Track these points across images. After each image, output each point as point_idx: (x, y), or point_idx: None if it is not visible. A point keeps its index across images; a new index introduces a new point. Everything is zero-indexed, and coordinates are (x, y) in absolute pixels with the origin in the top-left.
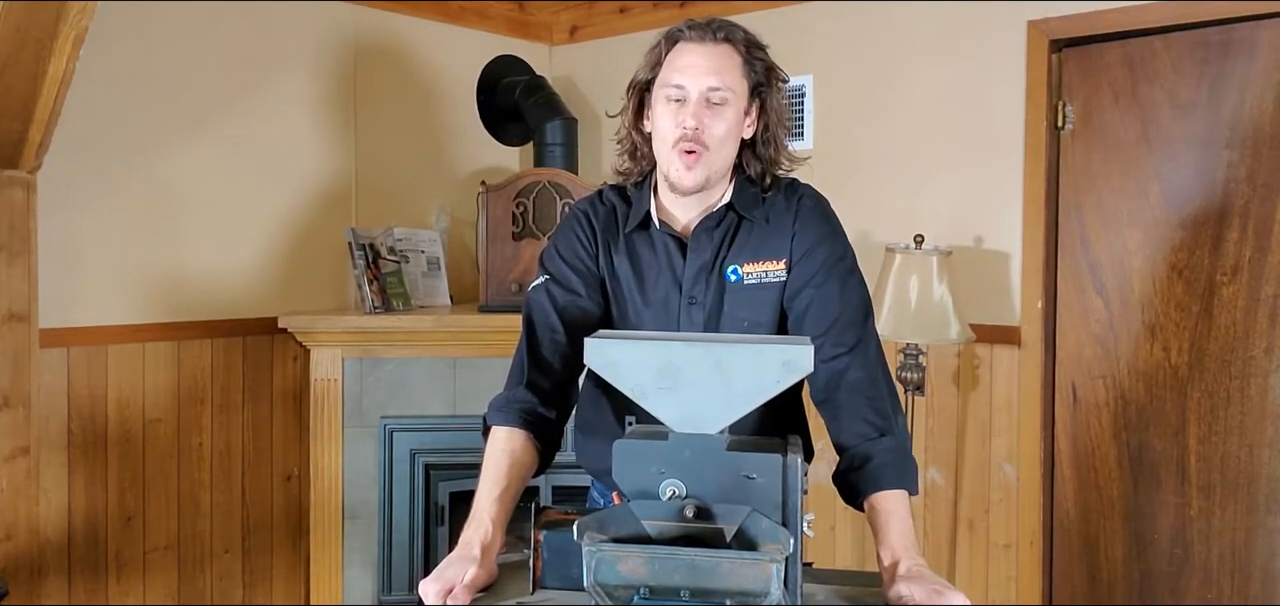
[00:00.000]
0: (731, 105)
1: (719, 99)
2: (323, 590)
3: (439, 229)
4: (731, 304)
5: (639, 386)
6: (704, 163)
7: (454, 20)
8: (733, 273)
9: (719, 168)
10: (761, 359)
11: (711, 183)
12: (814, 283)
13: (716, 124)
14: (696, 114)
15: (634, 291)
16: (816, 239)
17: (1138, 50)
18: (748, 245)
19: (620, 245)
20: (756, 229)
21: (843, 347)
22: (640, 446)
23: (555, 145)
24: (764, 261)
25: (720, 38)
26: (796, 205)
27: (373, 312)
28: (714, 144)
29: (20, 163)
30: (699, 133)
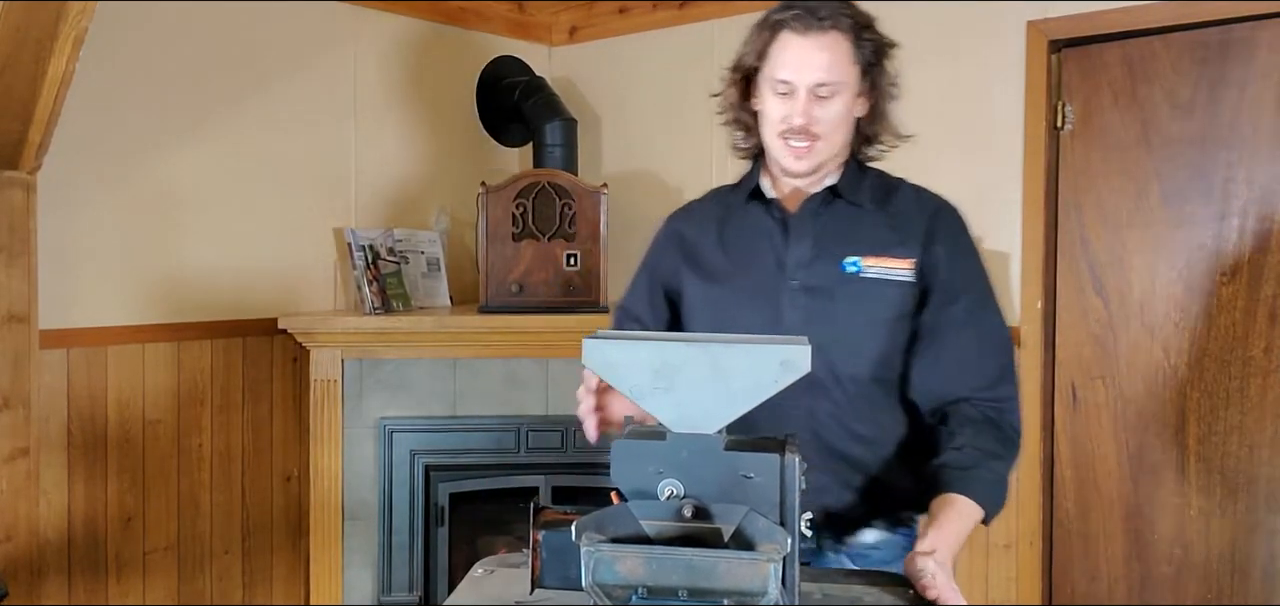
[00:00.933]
0: (841, 95)
1: (828, 92)
2: (323, 591)
3: (439, 230)
4: (847, 297)
5: (637, 387)
6: (815, 152)
7: (454, 21)
8: (851, 264)
9: (834, 151)
10: (759, 359)
11: (825, 168)
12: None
13: (826, 112)
14: (805, 110)
15: (729, 275)
16: (959, 262)
17: (1137, 50)
18: (867, 237)
19: (715, 232)
20: (871, 219)
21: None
22: (638, 446)
23: (555, 146)
24: (889, 258)
25: (827, 25)
26: (933, 213)
27: (373, 313)
28: (826, 131)
29: (20, 163)
30: (807, 126)
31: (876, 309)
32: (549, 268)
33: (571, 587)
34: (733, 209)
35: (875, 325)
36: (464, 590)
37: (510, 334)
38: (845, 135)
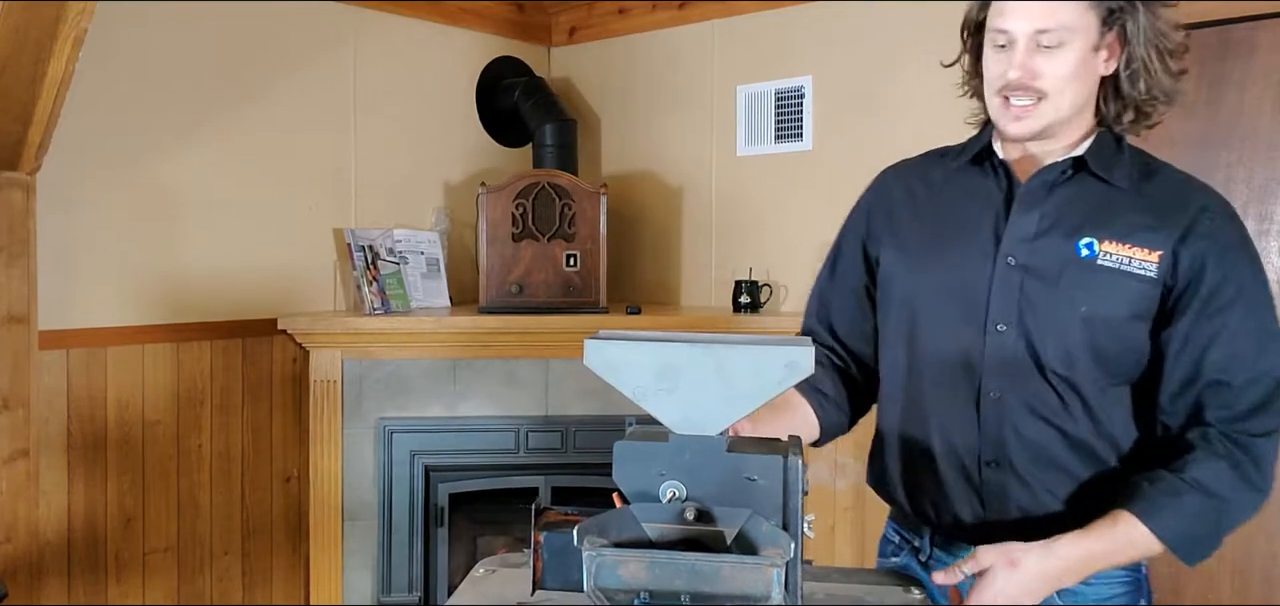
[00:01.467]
0: (1071, 46)
1: (1052, 41)
2: (322, 591)
3: (438, 230)
4: (1072, 283)
5: (639, 388)
6: (1038, 112)
7: (453, 21)
8: (1086, 246)
9: (1063, 114)
10: (763, 360)
11: (1053, 133)
12: (1216, 327)
13: (1053, 66)
14: (1024, 62)
15: (930, 246)
16: (1227, 265)
17: None
18: (1112, 219)
19: (924, 193)
20: (1122, 200)
21: (1238, 410)
22: (640, 448)
23: (554, 146)
24: (1132, 245)
25: None
26: (1201, 206)
27: (372, 314)
28: (1053, 88)
29: (19, 164)
30: (1025, 80)
31: (1106, 303)
32: (548, 268)
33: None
34: (951, 171)
35: (1101, 324)
36: (464, 590)
37: (510, 334)
38: (1081, 96)
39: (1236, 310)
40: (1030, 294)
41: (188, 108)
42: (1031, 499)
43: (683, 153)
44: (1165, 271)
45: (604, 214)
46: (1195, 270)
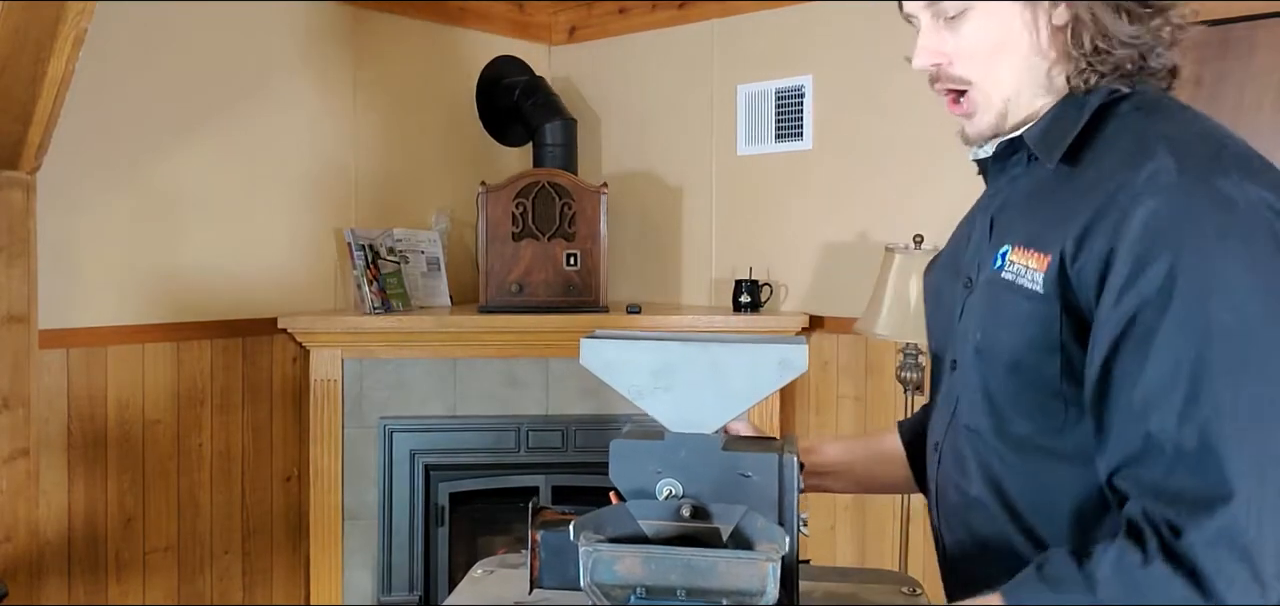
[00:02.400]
0: (978, 9)
1: (954, 10)
2: (322, 591)
3: (438, 229)
4: (981, 303)
5: (636, 387)
6: (974, 103)
7: (454, 20)
8: (1000, 255)
9: (1011, 96)
10: (757, 358)
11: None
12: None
13: (962, 41)
14: (926, 43)
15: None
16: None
17: None
18: (1033, 211)
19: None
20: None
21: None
22: (636, 446)
23: (554, 146)
24: (1028, 249)
25: None
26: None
27: (372, 313)
28: (970, 70)
29: (19, 164)
30: (944, 66)
31: (999, 329)
32: (549, 267)
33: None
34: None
35: (989, 358)
36: (464, 590)
37: (510, 334)
38: (1019, 69)
39: (1162, 336)
40: (969, 319)
41: (188, 107)
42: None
43: (683, 152)
44: (1053, 283)
45: (604, 213)
46: (1098, 278)
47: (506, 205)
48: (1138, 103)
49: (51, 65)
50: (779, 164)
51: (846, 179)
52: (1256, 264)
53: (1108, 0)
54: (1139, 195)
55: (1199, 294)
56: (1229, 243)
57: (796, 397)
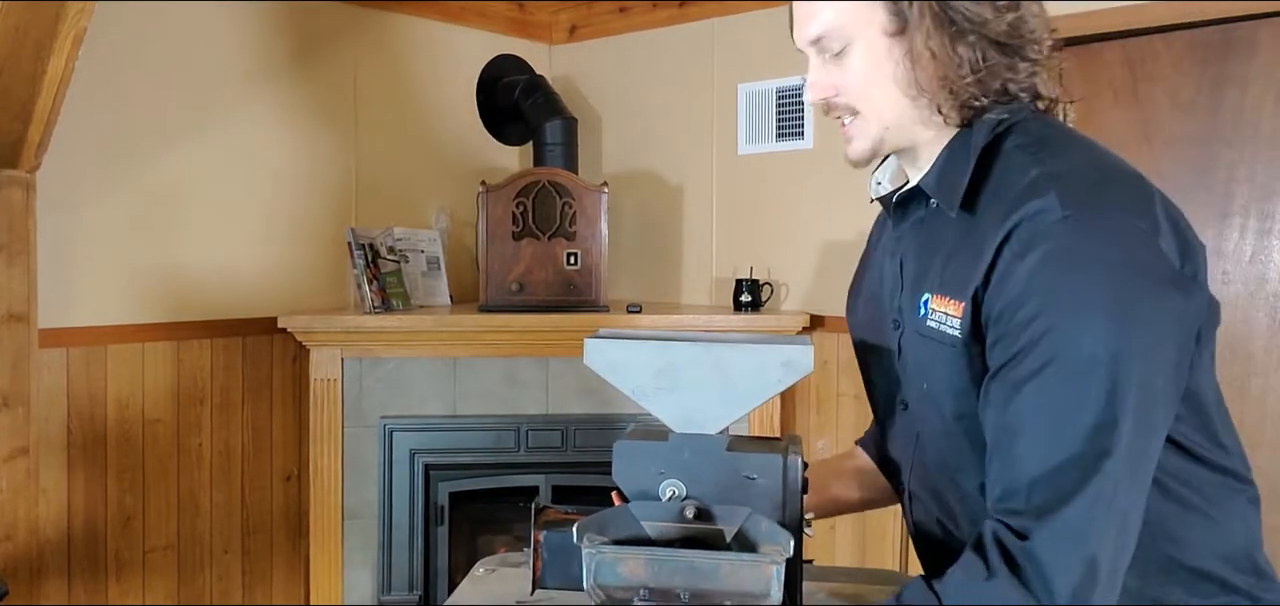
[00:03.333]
0: (859, 43)
1: (836, 46)
2: (322, 590)
3: (439, 229)
4: (910, 356)
5: (639, 387)
6: (859, 129)
7: (454, 20)
8: (922, 303)
9: (891, 123)
10: (761, 359)
11: (897, 145)
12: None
13: (846, 75)
14: (815, 79)
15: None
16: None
17: (1138, 49)
18: (945, 257)
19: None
20: (962, 229)
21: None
22: (640, 447)
23: (555, 145)
24: (945, 296)
25: None
26: (1013, 226)
27: (372, 312)
28: (858, 100)
29: (19, 162)
30: (831, 98)
31: (936, 378)
32: (549, 267)
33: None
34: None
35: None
36: (464, 589)
37: (510, 333)
38: (896, 96)
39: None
40: (907, 365)
41: (188, 106)
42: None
43: (683, 151)
44: (967, 329)
45: (604, 212)
46: (1001, 315)
47: (507, 204)
48: (1021, 138)
49: (51, 64)
50: (780, 163)
51: (847, 178)
52: (1129, 296)
53: (971, 37)
54: (1026, 240)
55: (1069, 335)
56: (1106, 277)
57: (797, 397)
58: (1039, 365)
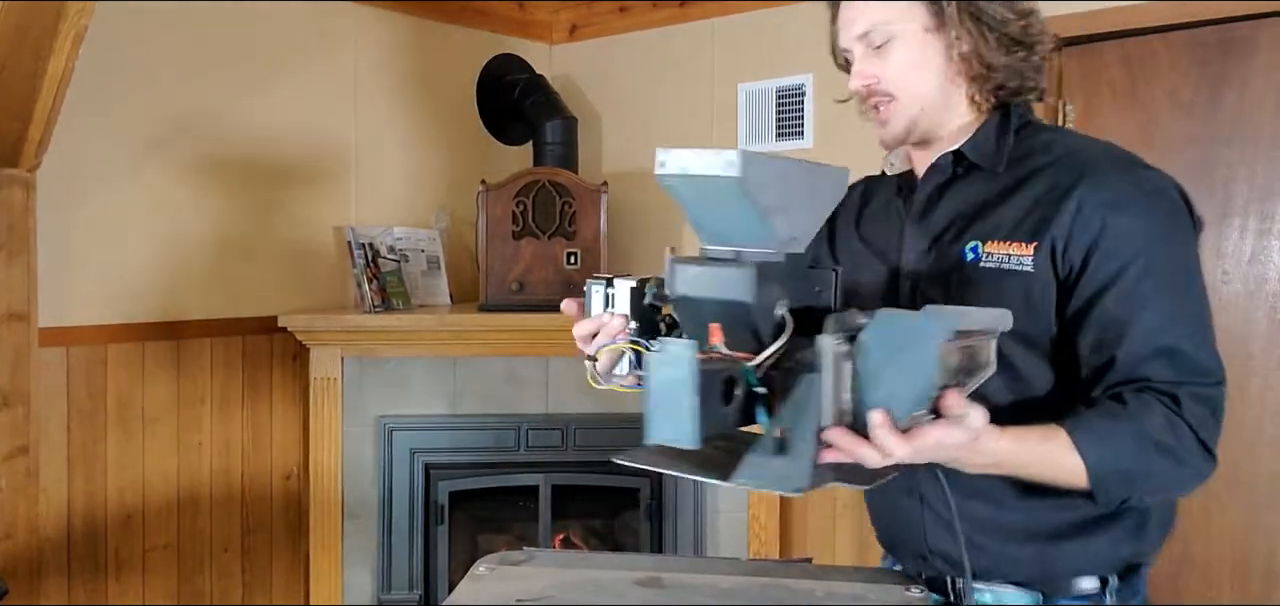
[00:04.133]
0: (900, 39)
1: (880, 40)
2: (322, 589)
3: (439, 228)
4: (962, 294)
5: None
6: (895, 112)
7: (454, 20)
8: (971, 250)
9: (921, 107)
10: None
11: (926, 129)
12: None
13: (888, 65)
14: (861, 69)
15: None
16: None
17: (1137, 50)
18: (993, 211)
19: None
20: (1001, 187)
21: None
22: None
23: (555, 144)
24: (1010, 241)
25: None
26: (1081, 174)
27: (372, 312)
28: (897, 86)
29: (20, 161)
30: (870, 85)
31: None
32: (549, 266)
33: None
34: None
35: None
36: (463, 589)
37: (510, 332)
38: (933, 85)
39: (1134, 269)
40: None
41: (188, 105)
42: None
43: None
44: (1045, 262)
45: (604, 212)
46: (1081, 254)
47: (507, 204)
48: (1037, 122)
49: (52, 63)
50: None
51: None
52: (1182, 227)
53: (993, 35)
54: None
55: (1165, 256)
56: (1171, 217)
57: None
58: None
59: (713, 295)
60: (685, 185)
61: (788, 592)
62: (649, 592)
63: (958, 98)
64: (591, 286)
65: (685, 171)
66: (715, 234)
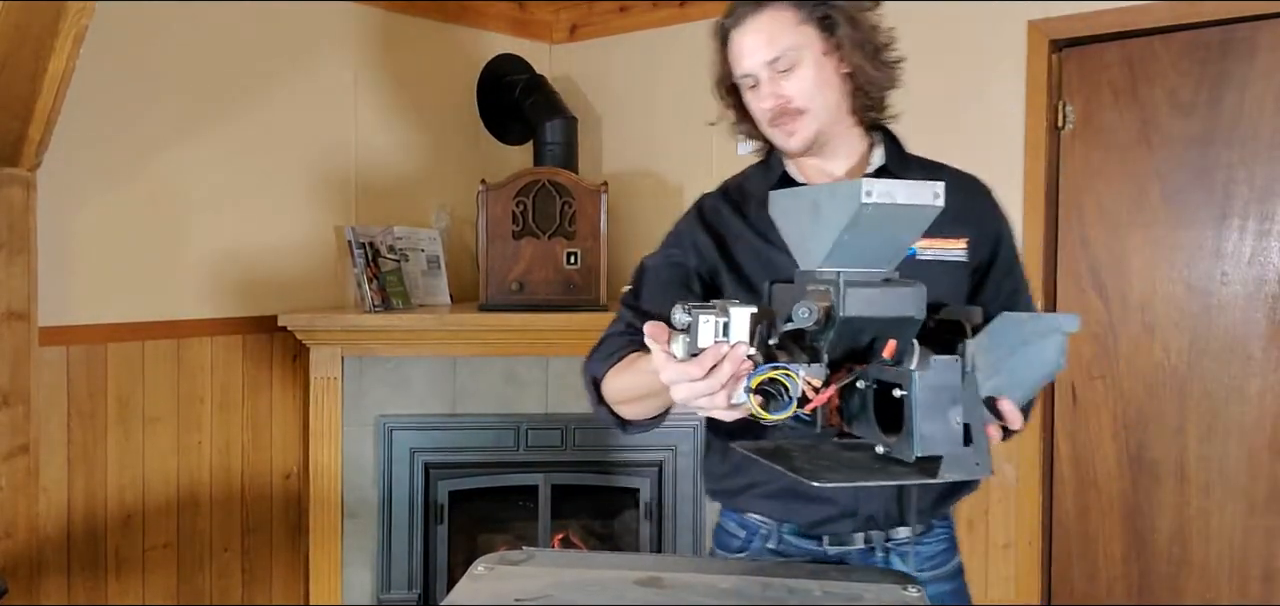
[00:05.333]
0: (805, 61)
1: (786, 64)
2: (322, 589)
3: (439, 228)
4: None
5: None
6: (803, 124)
7: (454, 19)
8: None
9: (825, 120)
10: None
11: (826, 139)
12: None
13: (795, 84)
14: (772, 91)
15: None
16: (1008, 239)
17: (1137, 50)
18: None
19: (752, 217)
20: None
21: None
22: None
23: (555, 144)
24: (942, 238)
25: (760, 4)
26: (981, 193)
27: (372, 311)
28: (804, 102)
29: (20, 161)
30: (782, 104)
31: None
32: (549, 266)
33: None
34: (758, 202)
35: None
36: (462, 588)
37: (510, 332)
38: (833, 100)
39: (1016, 266)
40: None
41: (188, 104)
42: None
43: (684, 150)
44: (972, 252)
45: (604, 212)
46: (994, 243)
47: (507, 203)
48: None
49: (52, 62)
50: None
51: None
52: None
53: (868, 52)
54: (990, 196)
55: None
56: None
57: None
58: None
59: (888, 314)
60: (884, 214)
61: (787, 592)
62: (649, 592)
63: (844, 109)
64: (697, 315)
65: (892, 200)
66: (854, 256)
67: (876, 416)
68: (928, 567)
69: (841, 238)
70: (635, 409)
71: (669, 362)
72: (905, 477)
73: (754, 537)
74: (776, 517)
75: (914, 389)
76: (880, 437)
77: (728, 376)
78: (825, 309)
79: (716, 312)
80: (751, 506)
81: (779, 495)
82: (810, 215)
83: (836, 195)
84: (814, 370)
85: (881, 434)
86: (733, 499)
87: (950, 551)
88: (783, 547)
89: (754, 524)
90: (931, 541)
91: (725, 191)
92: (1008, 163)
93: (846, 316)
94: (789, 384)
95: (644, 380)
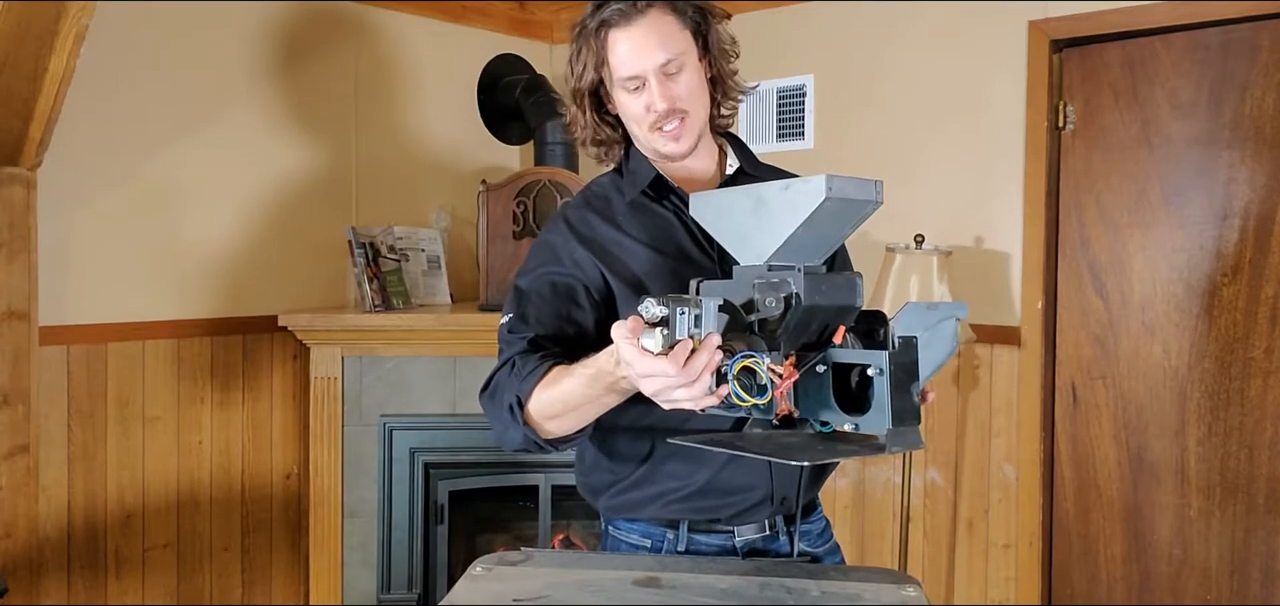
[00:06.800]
0: (688, 65)
1: (675, 67)
2: (322, 588)
3: (439, 228)
4: None
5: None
6: (688, 127)
7: (454, 20)
8: None
9: (701, 123)
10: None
11: (699, 141)
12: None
13: (681, 87)
14: (662, 92)
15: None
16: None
17: (1138, 50)
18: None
19: (623, 223)
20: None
21: None
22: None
23: (555, 144)
24: None
25: (645, 6)
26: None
27: (373, 311)
28: (689, 104)
29: (20, 160)
30: (672, 106)
31: None
32: None
33: None
34: (627, 206)
35: None
36: (461, 588)
37: None
38: (705, 101)
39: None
40: None
41: (189, 104)
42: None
43: None
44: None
45: None
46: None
47: (507, 204)
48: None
49: (53, 62)
50: (780, 163)
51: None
52: None
53: (724, 61)
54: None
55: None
56: None
57: None
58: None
59: (838, 302)
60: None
61: (786, 592)
62: (648, 592)
63: (709, 115)
64: (673, 308)
65: (846, 196)
66: (800, 251)
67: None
68: (819, 544)
69: (797, 233)
70: (566, 422)
71: (643, 357)
72: (856, 452)
73: (662, 544)
74: (695, 516)
75: (888, 368)
76: (844, 417)
77: (703, 367)
78: (784, 299)
79: (691, 305)
80: (663, 513)
81: (696, 494)
82: (755, 212)
83: (792, 191)
84: (775, 357)
85: (844, 413)
86: (639, 509)
87: (828, 528)
88: (692, 547)
89: (659, 531)
90: (817, 520)
91: (587, 201)
92: (1008, 163)
93: (808, 306)
94: (758, 371)
95: (581, 388)
